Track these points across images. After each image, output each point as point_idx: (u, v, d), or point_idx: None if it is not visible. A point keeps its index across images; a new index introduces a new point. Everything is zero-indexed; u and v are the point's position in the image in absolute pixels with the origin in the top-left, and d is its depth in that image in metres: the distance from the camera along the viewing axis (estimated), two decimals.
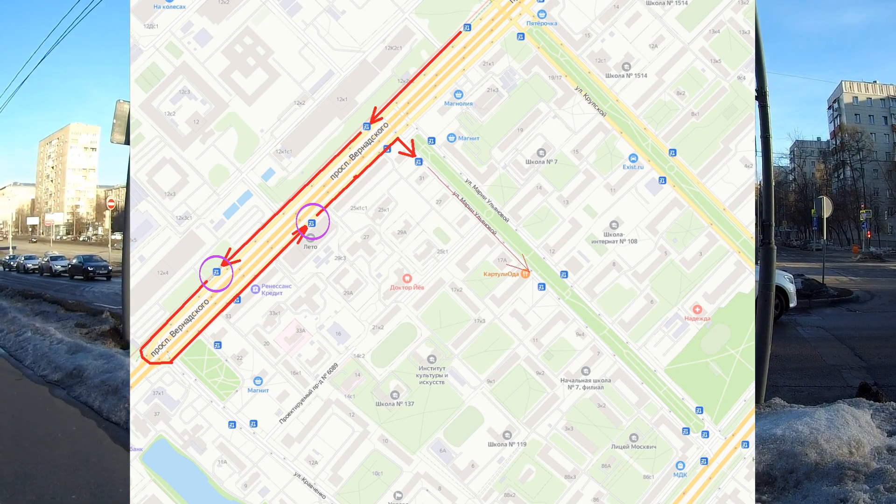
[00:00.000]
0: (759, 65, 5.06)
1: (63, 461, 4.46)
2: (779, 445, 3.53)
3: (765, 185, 5.67)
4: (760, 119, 5.20)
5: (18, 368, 8.24)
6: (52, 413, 5.95)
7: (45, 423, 5.66)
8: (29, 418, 5.69)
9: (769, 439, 3.57)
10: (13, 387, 7.19)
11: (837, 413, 3.94)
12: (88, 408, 6.08)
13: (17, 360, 8.76)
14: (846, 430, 3.73)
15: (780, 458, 3.47)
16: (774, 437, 3.59)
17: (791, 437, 3.59)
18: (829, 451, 3.51)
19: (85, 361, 7.47)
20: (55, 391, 6.86)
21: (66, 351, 8.36)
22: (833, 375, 6.96)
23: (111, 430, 5.38)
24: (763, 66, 5.07)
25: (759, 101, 5.13)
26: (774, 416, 4.22)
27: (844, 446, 3.59)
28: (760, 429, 3.73)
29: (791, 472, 3.42)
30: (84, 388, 6.67)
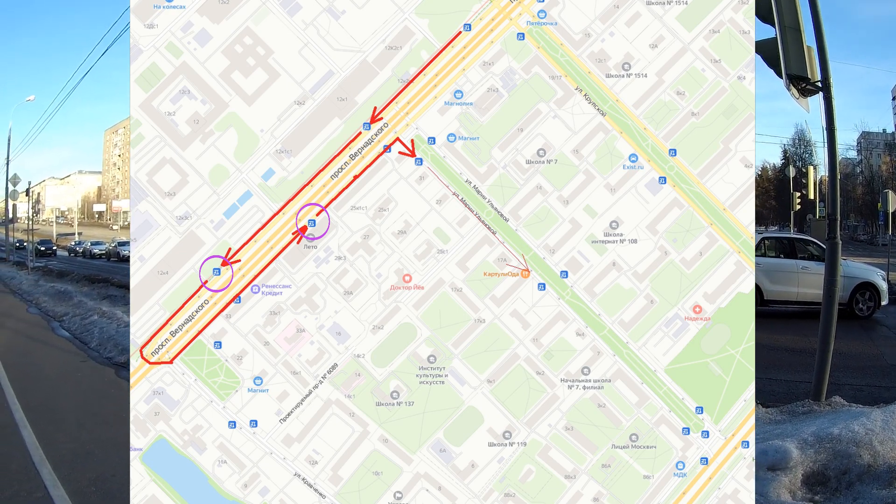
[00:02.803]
0: (822, 55, 4.96)
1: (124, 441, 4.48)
2: (835, 445, 3.53)
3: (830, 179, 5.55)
4: (826, 111, 5.07)
5: (83, 351, 8.34)
6: (115, 394, 5.98)
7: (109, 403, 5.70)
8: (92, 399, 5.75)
9: (826, 438, 3.56)
10: (77, 369, 7.26)
11: (893, 415, 3.91)
12: None
13: (82, 343, 8.87)
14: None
15: (835, 458, 3.47)
16: (831, 436, 3.58)
17: (847, 438, 3.58)
18: (882, 454, 3.51)
19: None
20: (121, 373, 6.90)
21: None
22: (893, 376, 6.93)
23: None
24: (826, 56, 4.96)
25: (823, 93, 5.03)
26: (833, 415, 4.22)
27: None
28: (819, 427, 3.73)
29: (844, 472, 3.41)
30: None
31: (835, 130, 5.19)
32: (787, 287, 11.03)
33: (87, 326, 9.73)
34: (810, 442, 3.55)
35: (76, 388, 6.28)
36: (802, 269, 11.02)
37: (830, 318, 5.03)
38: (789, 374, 6.73)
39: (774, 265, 11.14)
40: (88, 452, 4.27)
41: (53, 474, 3.90)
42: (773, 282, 10.97)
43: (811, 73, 4.92)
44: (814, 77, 4.97)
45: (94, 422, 4.99)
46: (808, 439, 3.57)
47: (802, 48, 4.81)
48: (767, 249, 11.62)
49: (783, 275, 11.06)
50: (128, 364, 6.65)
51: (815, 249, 11.20)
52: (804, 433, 3.65)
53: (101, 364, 7.44)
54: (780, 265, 11.19)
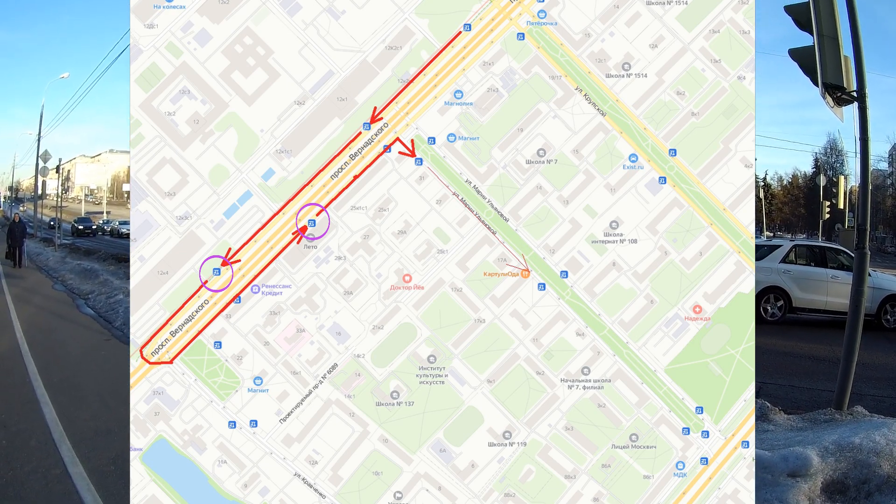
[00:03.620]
0: (858, 64, 4.95)
1: None
2: (855, 455, 3.53)
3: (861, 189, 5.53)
4: (860, 121, 5.05)
5: (108, 329, 8.33)
6: None
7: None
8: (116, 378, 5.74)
9: (847, 447, 3.57)
10: (101, 347, 7.26)
11: None
12: None
13: (106, 322, 8.86)
14: None
15: (855, 467, 3.47)
16: (852, 445, 3.58)
17: (868, 448, 3.58)
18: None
19: None
20: None
21: None
22: None
23: None
24: (863, 66, 4.93)
25: (858, 103, 5.03)
26: (854, 425, 4.22)
27: None
28: (840, 436, 3.73)
29: (864, 482, 3.42)
30: None
31: (868, 140, 5.18)
32: (815, 295, 10.96)
33: (112, 305, 9.71)
34: (831, 450, 3.55)
35: (99, 366, 6.29)
36: (832, 278, 10.96)
37: (856, 327, 5.02)
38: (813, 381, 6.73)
39: (804, 273, 11.07)
40: (109, 431, 4.28)
41: (73, 451, 3.90)
42: (802, 289, 10.91)
43: (847, 83, 4.91)
44: (849, 87, 4.96)
45: (115, 400, 4.98)
46: (829, 447, 3.57)
47: (839, 57, 4.80)
48: (798, 257, 11.58)
49: (812, 283, 10.99)
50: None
51: (846, 259, 11.12)
52: (825, 441, 3.66)
53: (125, 343, 7.43)
54: (809, 273, 11.12)
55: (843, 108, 5.18)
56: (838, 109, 5.14)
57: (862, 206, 5.40)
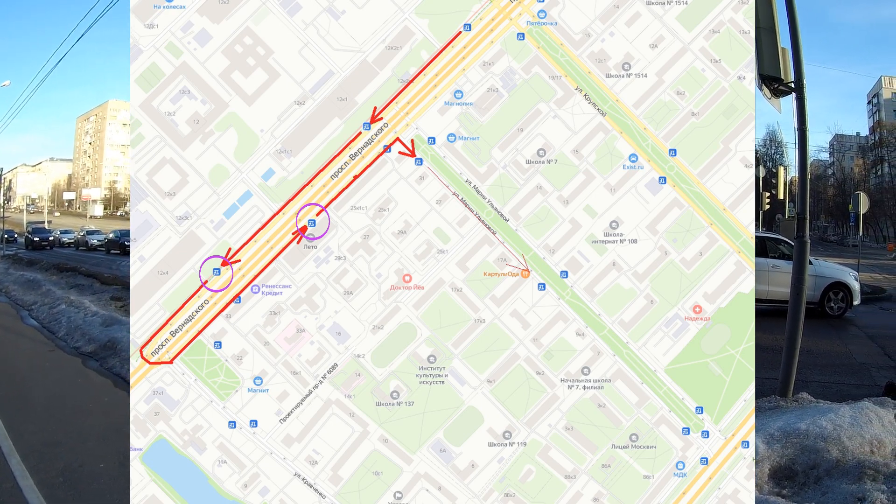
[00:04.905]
0: (796, 56, 5.00)
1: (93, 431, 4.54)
2: (802, 440, 3.53)
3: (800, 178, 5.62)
4: (798, 112, 5.14)
5: (51, 340, 8.33)
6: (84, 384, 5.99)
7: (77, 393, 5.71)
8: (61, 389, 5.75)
9: (793, 434, 3.57)
10: (46, 358, 7.26)
11: (861, 411, 3.92)
12: (121, 379, 6.14)
13: (50, 332, 8.86)
14: (869, 429, 3.72)
15: (802, 453, 3.47)
16: (799, 431, 3.59)
17: (815, 433, 3.58)
18: (851, 449, 3.51)
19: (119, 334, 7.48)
20: (88, 363, 6.90)
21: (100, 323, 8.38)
22: (862, 373, 6.98)
23: None
24: (801, 57, 5.01)
25: (796, 94, 5.09)
26: (800, 411, 4.23)
27: (866, 445, 3.58)
28: (786, 423, 3.74)
29: (812, 467, 3.42)
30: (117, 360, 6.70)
31: (806, 131, 5.29)
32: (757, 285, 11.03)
33: (55, 315, 9.72)
34: (777, 437, 3.56)
35: (44, 378, 6.28)
36: (773, 267, 11.01)
37: (798, 314, 5.09)
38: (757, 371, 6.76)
39: None
40: (57, 442, 4.29)
41: (22, 464, 3.91)
42: None
43: (784, 74, 4.97)
44: (787, 78, 5.03)
45: (62, 412, 5.00)
46: (775, 434, 3.58)
47: (777, 49, 4.86)
48: None
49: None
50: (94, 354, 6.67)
51: (786, 248, 11.17)
52: (771, 428, 3.67)
53: (69, 354, 7.43)
54: None
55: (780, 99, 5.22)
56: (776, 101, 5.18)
57: (801, 196, 5.46)
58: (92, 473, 3.78)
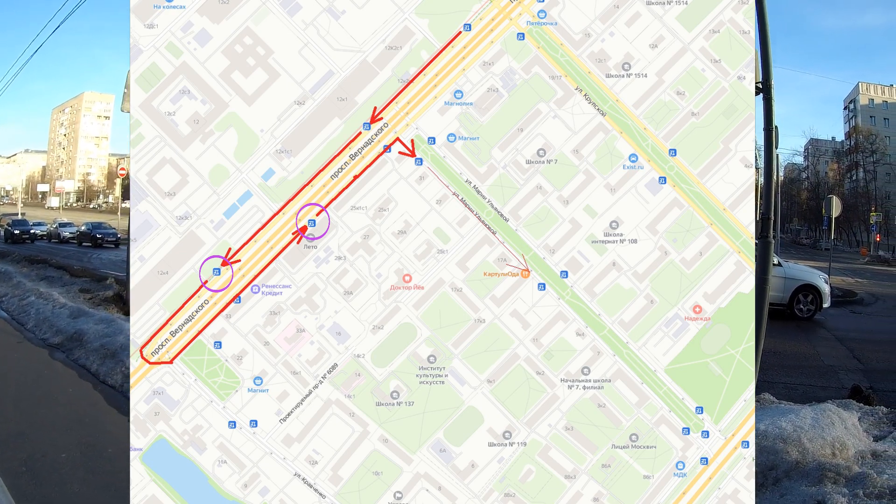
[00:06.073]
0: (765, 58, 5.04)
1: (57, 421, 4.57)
2: (760, 441, 3.46)
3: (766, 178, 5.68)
4: (765, 112, 5.21)
5: (20, 332, 8.37)
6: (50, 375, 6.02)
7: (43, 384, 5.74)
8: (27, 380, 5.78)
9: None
10: (14, 349, 7.29)
11: (824, 413, 3.89)
12: (86, 370, 6.17)
13: (18, 324, 8.90)
14: (831, 431, 3.68)
15: (760, 453, 3.40)
16: (757, 431, 3.55)
17: (773, 434, 3.54)
18: (812, 451, 3.46)
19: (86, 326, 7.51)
20: (55, 354, 6.93)
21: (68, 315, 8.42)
22: (829, 376, 7.00)
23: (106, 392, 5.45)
24: (769, 59, 5.07)
25: (763, 95, 5.14)
26: (760, 411, 4.19)
27: (828, 447, 3.54)
28: None
29: (771, 468, 3.37)
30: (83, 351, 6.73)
31: (773, 131, 5.38)
32: None
33: (24, 307, 9.76)
34: None
35: (11, 368, 6.31)
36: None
37: (761, 315, 5.11)
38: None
39: None
40: (21, 433, 4.33)
41: None
42: None
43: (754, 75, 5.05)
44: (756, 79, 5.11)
45: (27, 403, 5.03)
46: None
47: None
48: None
49: None
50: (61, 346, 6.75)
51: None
52: None
53: (37, 345, 7.46)
54: None
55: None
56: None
57: (766, 197, 5.51)
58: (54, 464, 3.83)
